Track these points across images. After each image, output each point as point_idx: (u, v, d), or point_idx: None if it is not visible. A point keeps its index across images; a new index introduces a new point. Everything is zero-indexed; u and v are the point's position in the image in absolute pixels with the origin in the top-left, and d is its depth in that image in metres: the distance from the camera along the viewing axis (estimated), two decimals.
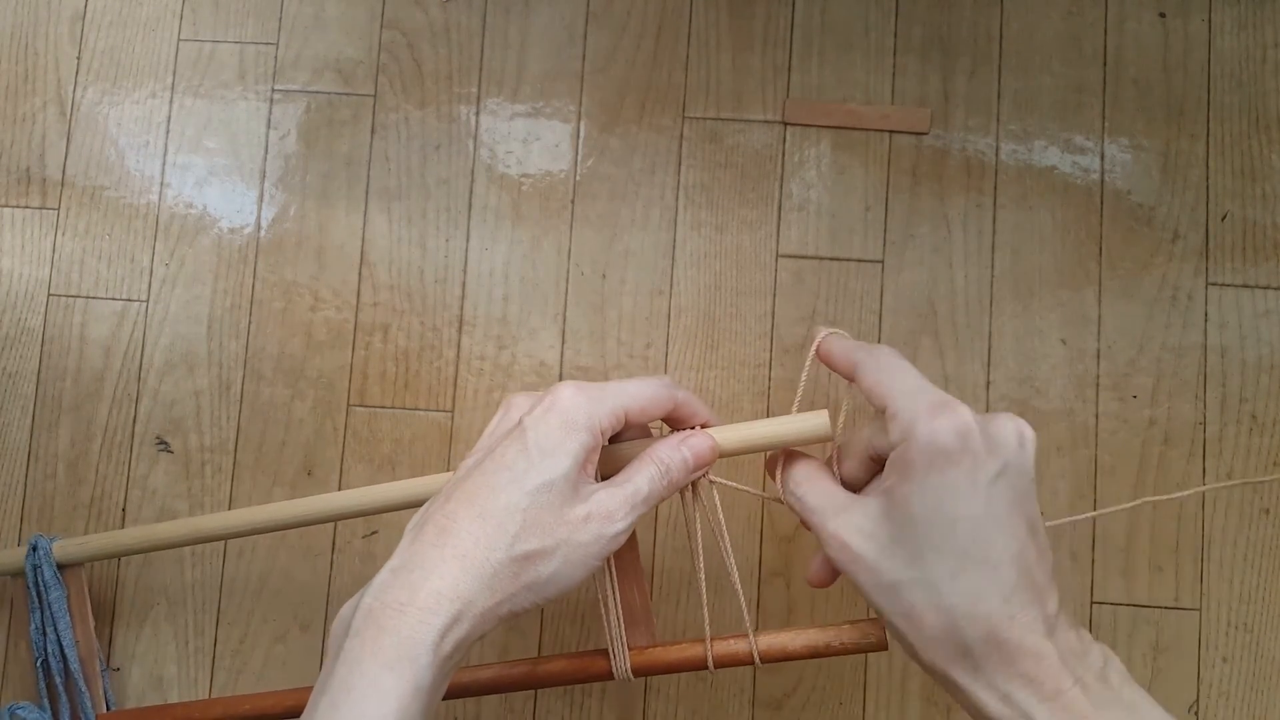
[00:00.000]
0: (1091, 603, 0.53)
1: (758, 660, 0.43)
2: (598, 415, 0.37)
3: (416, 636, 0.33)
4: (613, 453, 0.41)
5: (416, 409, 0.56)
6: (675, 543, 0.55)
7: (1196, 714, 0.52)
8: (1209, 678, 0.52)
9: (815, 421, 0.40)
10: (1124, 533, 0.53)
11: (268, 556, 0.56)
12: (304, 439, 0.56)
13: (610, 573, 0.43)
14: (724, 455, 0.41)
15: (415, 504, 0.45)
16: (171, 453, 0.56)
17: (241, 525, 0.48)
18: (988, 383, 0.54)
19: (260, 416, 0.56)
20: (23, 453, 0.57)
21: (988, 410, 0.54)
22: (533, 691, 0.54)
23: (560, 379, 0.55)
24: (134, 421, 0.57)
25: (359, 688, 0.32)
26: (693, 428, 0.41)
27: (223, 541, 0.56)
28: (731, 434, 0.41)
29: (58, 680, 0.50)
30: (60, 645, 0.50)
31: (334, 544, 0.55)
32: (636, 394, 0.39)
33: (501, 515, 0.35)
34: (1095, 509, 0.53)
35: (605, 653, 0.44)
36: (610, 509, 0.37)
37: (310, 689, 0.47)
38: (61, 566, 0.51)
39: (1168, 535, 0.53)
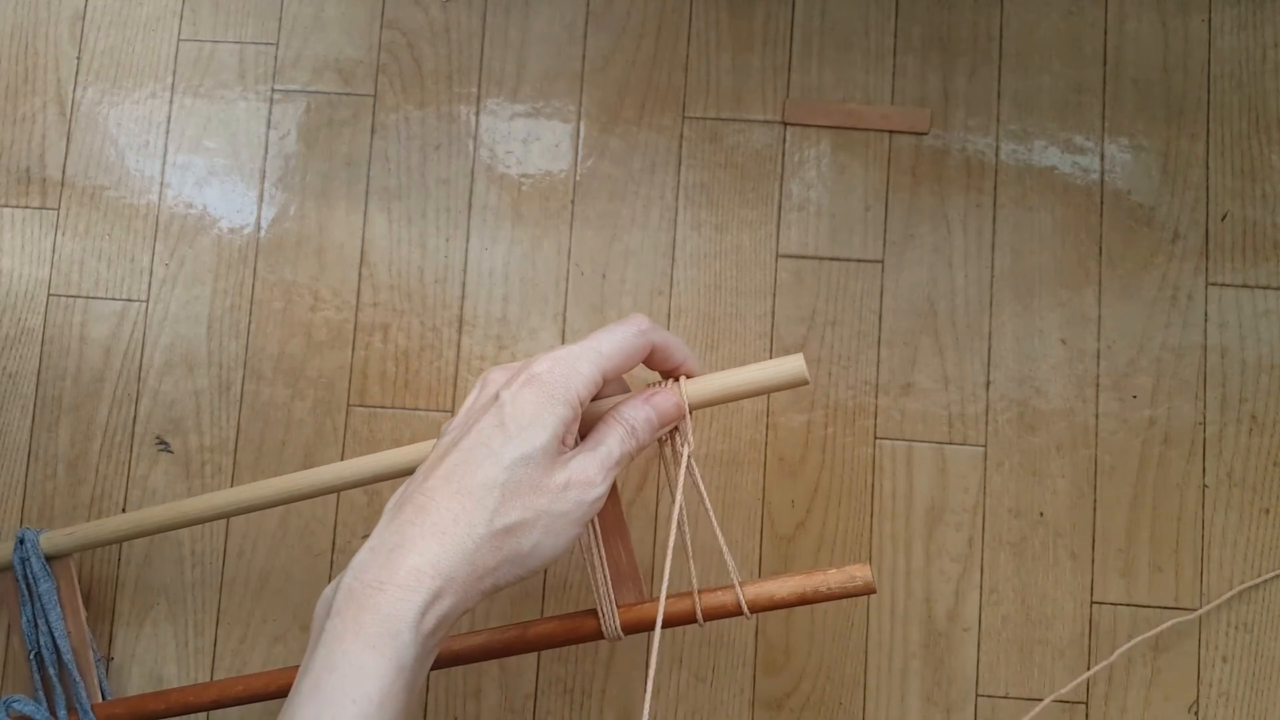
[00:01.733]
0: (1091, 603, 0.53)
1: (745, 610, 0.42)
2: (574, 386, 0.37)
3: (397, 614, 0.32)
4: (587, 410, 0.40)
5: (416, 409, 0.56)
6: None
7: (1196, 714, 0.52)
8: (1209, 678, 0.52)
9: (791, 366, 0.39)
10: (1124, 533, 0.53)
11: (268, 556, 0.56)
12: (304, 439, 0.56)
13: (595, 533, 0.42)
14: (701, 406, 0.40)
15: (402, 473, 0.45)
16: (171, 453, 0.56)
17: (227, 505, 0.48)
18: (988, 382, 0.54)
19: (260, 416, 0.56)
20: (23, 452, 0.57)
21: (987, 409, 0.54)
22: (533, 691, 0.54)
23: None
24: (134, 421, 0.57)
25: (341, 667, 0.32)
26: (674, 370, 0.41)
27: (222, 541, 0.56)
28: (706, 385, 0.40)
29: (51, 672, 0.50)
30: (52, 637, 0.50)
31: (334, 544, 0.55)
32: (611, 352, 0.38)
33: (480, 491, 0.35)
34: (1095, 509, 0.53)
35: (594, 613, 0.43)
36: (590, 475, 0.36)
37: (297, 669, 0.47)
38: (50, 558, 0.51)
39: (1168, 535, 0.53)
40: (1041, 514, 0.53)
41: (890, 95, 0.56)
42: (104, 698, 0.52)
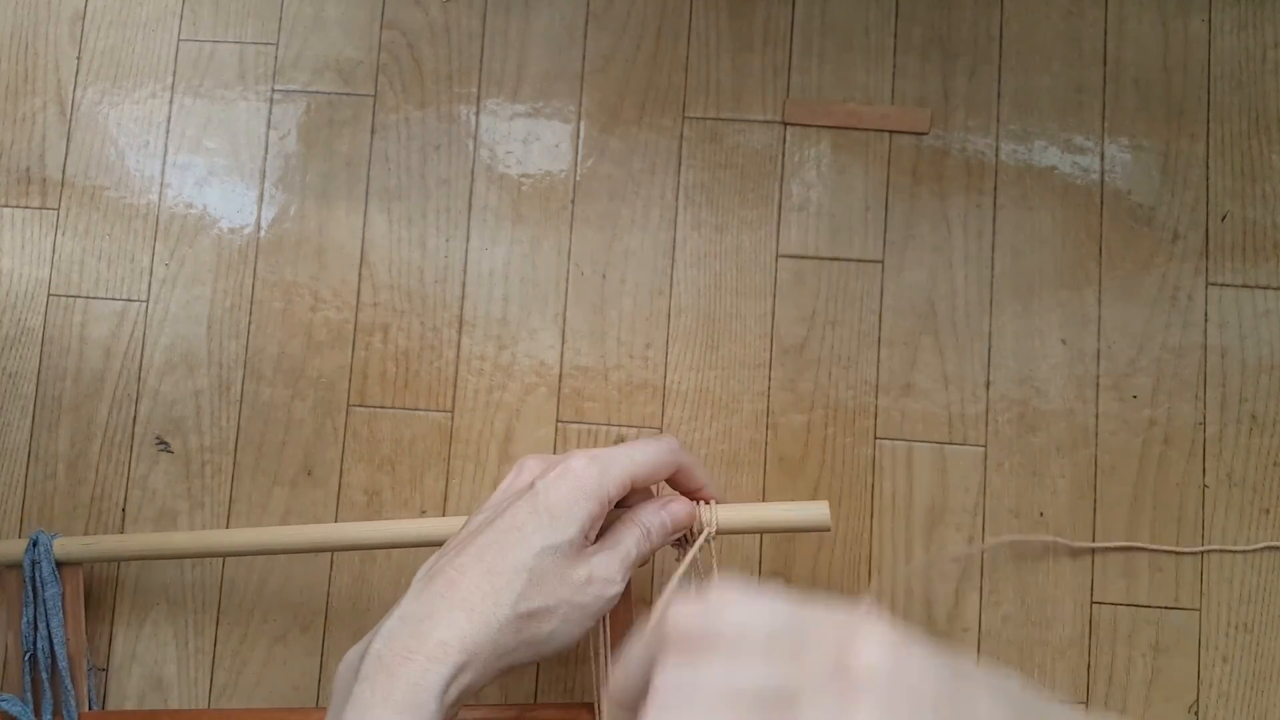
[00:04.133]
0: (1091, 603, 0.53)
1: None
2: (606, 485, 0.39)
3: (424, 684, 0.34)
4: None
5: (417, 409, 0.56)
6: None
7: (1196, 714, 0.52)
8: (1209, 678, 0.52)
9: (816, 512, 0.41)
10: (1124, 533, 0.53)
11: (268, 557, 0.56)
12: (304, 439, 0.56)
13: (605, 632, 0.43)
14: (721, 533, 0.42)
15: (421, 544, 0.47)
16: (171, 453, 0.56)
17: (247, 545, 0.49)
18: (988, 383, 0.54)
19: (260, 417, 0.56)
20: (23, 453, 0.57)
21: (987, 409, 0.54)
22: (533, 692, 0.54)
23: (560, 379, 0.55)
24: (134, 422, 0.57)
25: None
26: (693, 492, 0.43)
27: None
28: (731, 514, 0.42)
29: (44, 676, 0.51)
30: (50, 641, 0.50)
31: None
32: (643, 461, 0.40)
33: (509, 573, 0.36)
34: (1095, 509, 0.53)
35: (591, 708, 0.45)
36: (610, 573, 0.38)
37: (292, 710, 0.49)
38: (60, 564, 0.51)
39: (1168, 536, 0.53)
40: (1042, 514, 0.53)
41: (890, 95, 0.56)
42: (92, 709, 0.52)
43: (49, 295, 0.58)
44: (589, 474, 0.39)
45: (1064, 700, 0.52)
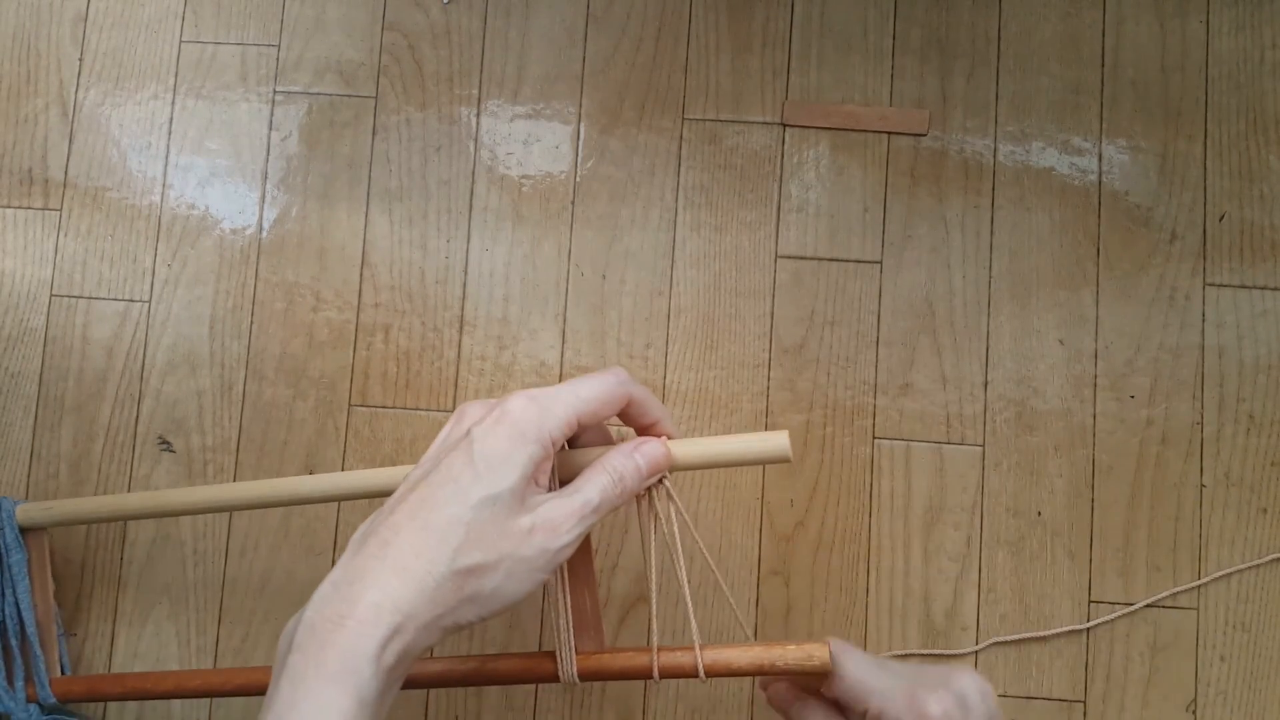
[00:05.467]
0: (1089, 601, 0.53)
1: (702, 674, 0.43)
2: (548, 426, 0.36)
3: (357, 649, 0.32)
4: (571, 458, 0.40)
5: (418, 409, 0.56)
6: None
7: (1195, 713, 0.52)
8: (1207, 676, 0.52)
9: (775, 442, 0.40)
10: (1122, 532, 0.53)
11: (270, 555, 0.56)
12: (306, 439, 0.56)
13: (562, 578, 0.42)
14: (680, 469, 0.41)
15: (382, 493, 0.45)
16: (174, 452, 0.57)
17: (205, 502, 0.48)
18: (985, 382, 0.55)
19: (262, 416, 0.57)
20: (25, 453, 0.57)
21: (985, 409, 0.54)
22: (533, 688, 0.54)
23: (561, 380, 0.56)
24: (136, 421, 0.57)
25: (303, 703, 0.32)
26: (649, 427, 0.41)
27: (224, 540, 0.56)
28: (689, 449, 0.41)
29: (13, 643, 0.51)
30: (18, 608, 0.51)
31: (335, 543, 0.56)
32: (589, 397, 0.38)
33: (444, 528, 0.34)
34: (1093, 508, 0.54)
35: (553, 655, 0.44)
36: (556, 522, 0.36)
37: (257, 669, 0.48)
38: (24, 530, 0.51)
39: (1165, 535, 0.53)
40: (1039, 513, 0.54)
41: (889, 97, 0.57)
42: (63, 673, 0.52)
43: (51, 296, 0.58)
44: (528, 416, 0.36)
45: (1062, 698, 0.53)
